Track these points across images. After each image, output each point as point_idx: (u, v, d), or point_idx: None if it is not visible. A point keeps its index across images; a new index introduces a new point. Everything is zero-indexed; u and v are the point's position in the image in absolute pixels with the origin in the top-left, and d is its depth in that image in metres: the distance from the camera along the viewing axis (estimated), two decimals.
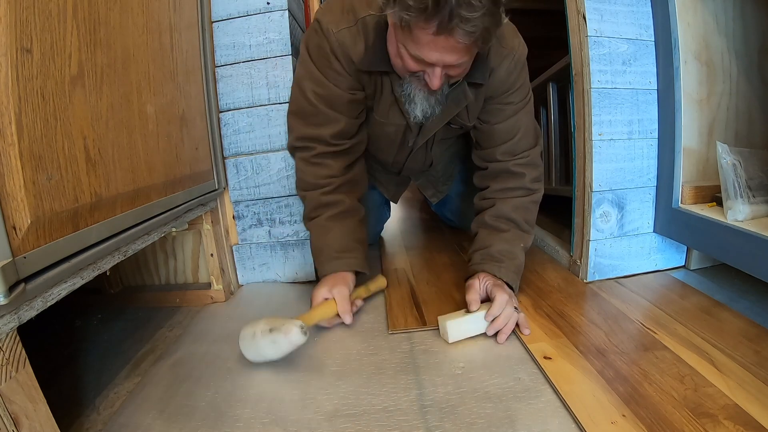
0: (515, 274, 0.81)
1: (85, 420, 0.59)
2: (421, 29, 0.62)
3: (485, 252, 0.82)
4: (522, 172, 0.86)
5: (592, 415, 0.52)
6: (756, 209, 0.74)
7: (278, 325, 0.67)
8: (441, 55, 0.65)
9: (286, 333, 0.66)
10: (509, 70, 0.81)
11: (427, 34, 0.62)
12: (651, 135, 0.89)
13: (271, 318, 0.70)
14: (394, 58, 0.73)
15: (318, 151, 0.85)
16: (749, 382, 0.56)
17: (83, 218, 0.51)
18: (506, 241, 0.83)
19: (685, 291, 0.85)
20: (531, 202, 0.87)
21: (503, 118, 0.86)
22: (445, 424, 0.53)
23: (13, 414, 0.40)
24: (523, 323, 0.73)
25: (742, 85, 0.87)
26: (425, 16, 0.59)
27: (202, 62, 0.90)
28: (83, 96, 0.52)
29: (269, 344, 0.67)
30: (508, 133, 0.86)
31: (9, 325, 0.40)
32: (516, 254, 0.82)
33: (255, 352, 0.68)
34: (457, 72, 0.71)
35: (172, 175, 0.75)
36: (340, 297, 0.79)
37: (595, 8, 0.83)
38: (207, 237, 0.95)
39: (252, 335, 0.68)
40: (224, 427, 0.56)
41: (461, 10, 0.57)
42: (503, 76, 0.81)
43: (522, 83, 0.84)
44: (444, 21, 0.59)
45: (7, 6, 0.40)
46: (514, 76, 0.82)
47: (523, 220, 0.85)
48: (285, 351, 0.67)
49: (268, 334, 0.66)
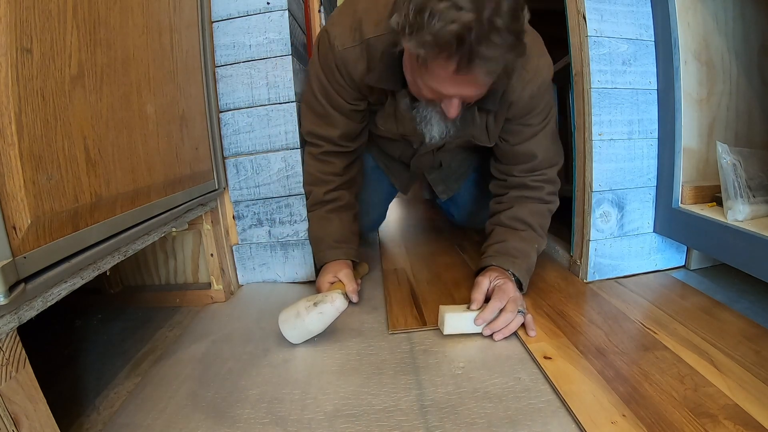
0: (527, 273, 0.82)
1: (85, 420, 0.59)
2: (439, 66, 0.59)
3: (500, 246, 0.83)
4: (540, 185, 0.88)
5: (592, 415, 0.52)
6: (756, 209, 0.74)
7: (320, 298, 0.72)
8: (459, 89, 0.64)
9: (332, 301, 0.71)
10: (532, 94, 0.79)
11: (446, 71, 0.60)
12: (651, 135, 0.89)
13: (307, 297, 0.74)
14: (411, 85, 0.72)
15: (325, 149, 0.92)
16: (749, 382, 0.56)
17: (83, 218, 0.51)
18: (522, 239, 0.84)
19: (685, 291, 0.85)
20: (547, 210, 0.89)
21: (522, 139, 0.85)
22: (445, 424, 0.53)
23: (13, 414, 0.40)
24: (530, 325, 0.72)
25: (742, 85, 0.87)
26: (445, 55, 0.57)
27: (202, 62, 0.90)
28: (83, 96, 0.52)
29: (316, 317, 0.71)
30: (526, 155, 0.87)
31: (9, 325, 0.40)
32: (530, 254, 0.83)
33: (301, 330, 0.72)
34: (474, 99, 0.71)
35: (172, 175, 0.75)
36: (348, 278, 0.86)
37: (595, 8, 0.83)
38: (207, 237, 0.95)
39: (296, 314, 0.72)
40: (224, 427, 0.56)
41: (482, 48, 0.55)
42: (526, 100, 0.79)
43: (544, 105, 0.83)
44: (464, 60, 0.56)
45: (7, 6, 0.40)
46: (536, 100, 0.81)
47: (539, 225, 0.86)
48: (330, 320, 0.72)
49: (313, 308, 0.71)
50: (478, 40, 0.54)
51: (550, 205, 0.89)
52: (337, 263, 0.90)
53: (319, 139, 0.92)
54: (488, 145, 0.89)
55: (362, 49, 0.78)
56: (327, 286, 0.86)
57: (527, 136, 0.85)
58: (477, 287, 0.76)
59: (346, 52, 0.79)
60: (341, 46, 0.79)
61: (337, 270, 0.87)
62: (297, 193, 1.00)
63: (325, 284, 0.87)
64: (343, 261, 0.91)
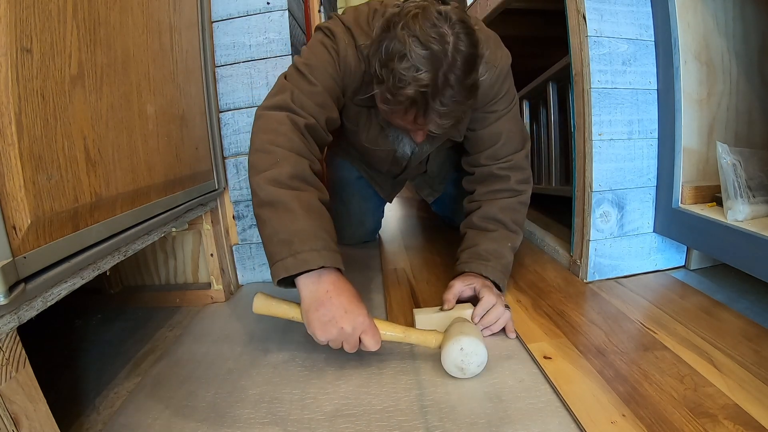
0: (502, 274, 0.80)
1: (85, 420, 0.59)
2: (399, 117, 0.68)
3: (472, 251, 0.82)
4: (507, 174, 0.86)
5: (591, 414, 0.52)
6: (756, 209, 0.74)
7: None
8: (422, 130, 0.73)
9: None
10: (491, 82, 0.81)
11: (405, 120, 0.68)
12: (651, 135, 0.89)
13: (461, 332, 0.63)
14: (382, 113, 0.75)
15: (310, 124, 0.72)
16: (749, 381, 0.56)
17: (83, 218, 0.51)
18: (494, 240, 0.83)
19: (685, 291, 0.85)
20: (518, 203, 0.87)
21: (486, 124, 0.87)
22: (445, 424, 0.53)
23: (13, 414, 0.40)
24: (509, 327, 0.73)
25: (742, 85, 0.87)
26: (403, 109, 0.64)
27: (202, 62, 0.90)
28: (83, 96, 0.52)
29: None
30: (490, 139, 0.87)
31: (9, 325, 0.40)
32: (503, 254, 0.82)
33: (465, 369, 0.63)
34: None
35: (172, 175, 0.75)
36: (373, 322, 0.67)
37: (595, 8, 0.83)
38: (207, 237, 0.95)
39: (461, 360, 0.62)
40: (224, 427, 0.56)
41: (436, 104, 0.61)
42: (486, 88, 0.81)
43: (506, 92, 0.85)
44: (420, 114, 0.64)
45: (7, 6, 0.40)
46: (497, 87, 0.83)
47: (511, 221, 0.84)
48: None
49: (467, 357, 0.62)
50: (433, 97, 0.61)
51: (521, 197, 0.87)
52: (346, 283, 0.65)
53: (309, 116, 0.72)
54: (458, 140, 0.92)
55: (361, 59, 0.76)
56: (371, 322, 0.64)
57: (491, 121, 0.87)
58: (449, 289, 0.76)
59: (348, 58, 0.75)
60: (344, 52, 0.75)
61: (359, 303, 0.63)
62: None
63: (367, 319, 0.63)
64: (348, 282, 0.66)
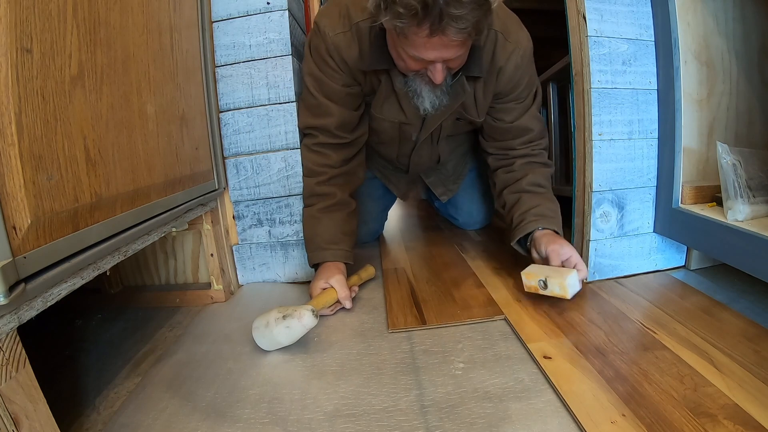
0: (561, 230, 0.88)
1: (85, 420, 0.59)
2: (414, 33, 0.65)
3: (539, 210, 0.88)
4: (541, 152, 0.96)
5: (591, 414, 0.52)
6: (756, 209, 0.74)
7: (290, 311, 0.71)
8: (439, 52, 0.69)
9: (299, 317, 0.70)
10: (517, 65, 0.84)
11: (421, 36, 0.65)
12: (651, 135, 0.89)
13: (281, 307, 0.73)
14: (397, 60, 0.77)
15: (320, 140, 0.92)
16: (749, 381, 0.56)
17: (83, 218, 0.51)
18: (551, 200, 0.92)
19: (685, 291, 0.85)
20: (550, 174, 0.97)
21: (517, 116, 0.93)
22: (445, 424, 0.53)
23: (13, 414, 0.40)
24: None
25: (742, 85, 0.87)
26: (417, 21, 0.62)
27: (202, 62, 0.90)
28: (83, 96, 0.52)
29: (283, 330, 0.70)
30: (524, 129, 0.94)
31: (9, 325, 0.40)
32: (558, 212, 0.90)
33: (270, 340, 0.72)
34: (457, 63, 0.75)
35: (172, 175, 0.75)
36: (339, 285, 0.84)
37: (595, 8, 0.83)
38: (207, 237, 0.95)
39: (266, 324, 0.71)
40: (224, 427, 0.56)
41: (450, 9, 0.60)
42: (511, 71, 0.84)
43: (530, 77, 0.89)
44: (435, 22, 0.62)
45: (7, 6, 0.40)
46: (521, 72, 0.85)
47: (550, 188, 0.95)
48: (298, 335, 0.72)
49: (281, 320, 0.70)
50: (446, 2, 0.60)
51: (551, 169, 0.98)
52: (330, 267, 0.87)
53: (314, 130, 0.92)
54: (477, 119, 0.94)
55: (353, 34, 0.82)
56: (318, 291, 0.84)
57: (521, 112, 0.93)
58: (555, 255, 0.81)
59: (337, 38, 0.82)
60: (332, 32, 0.82)
61: (329, 275, 0.85)
62: (297, 193, 1.00)
63: (317, 289, 0.84)
64: (334, 264, 0.88)
